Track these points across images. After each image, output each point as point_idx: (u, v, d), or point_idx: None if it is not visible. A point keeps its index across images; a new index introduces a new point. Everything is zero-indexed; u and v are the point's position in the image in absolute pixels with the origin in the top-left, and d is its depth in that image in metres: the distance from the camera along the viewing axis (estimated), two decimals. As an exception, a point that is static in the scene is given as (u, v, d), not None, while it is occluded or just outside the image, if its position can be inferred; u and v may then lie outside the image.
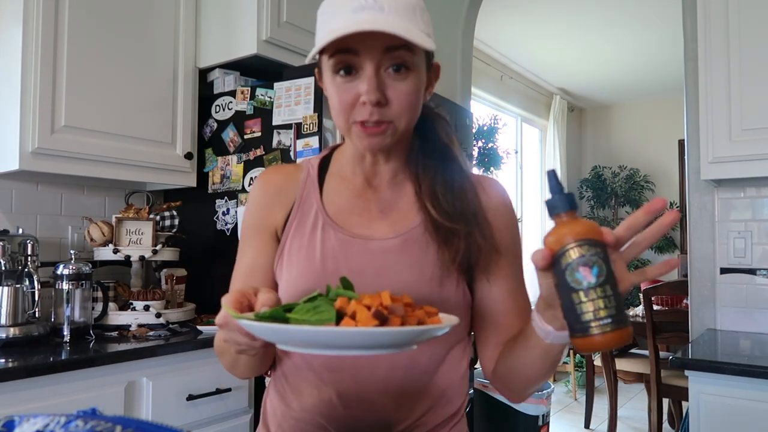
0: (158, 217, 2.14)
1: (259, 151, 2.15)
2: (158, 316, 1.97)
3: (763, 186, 2.21)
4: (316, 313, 0.63)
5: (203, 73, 2.35)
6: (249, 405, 1.94)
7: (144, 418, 1.27)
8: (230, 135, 2.24)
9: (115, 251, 2.00)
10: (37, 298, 1.79)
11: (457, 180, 0.89)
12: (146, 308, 1.96)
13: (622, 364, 3.77)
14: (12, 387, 1.40)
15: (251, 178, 2.17)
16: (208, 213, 2.28)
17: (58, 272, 1.84)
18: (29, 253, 1.84)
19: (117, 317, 1.95)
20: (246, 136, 2.20)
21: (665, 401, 3.67)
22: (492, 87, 5.24)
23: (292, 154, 2.06)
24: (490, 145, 4.14)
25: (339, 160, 0.94)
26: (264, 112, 2.15)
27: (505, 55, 5.22)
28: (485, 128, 4.17)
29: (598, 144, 6.84)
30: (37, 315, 1.79)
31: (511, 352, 0.83)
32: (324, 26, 0.80)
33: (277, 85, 2.12)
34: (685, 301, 3.49)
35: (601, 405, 4.26)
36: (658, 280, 3.56)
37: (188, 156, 2.23)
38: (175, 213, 2.19)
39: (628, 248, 0.65)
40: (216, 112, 2.30)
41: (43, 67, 1.81)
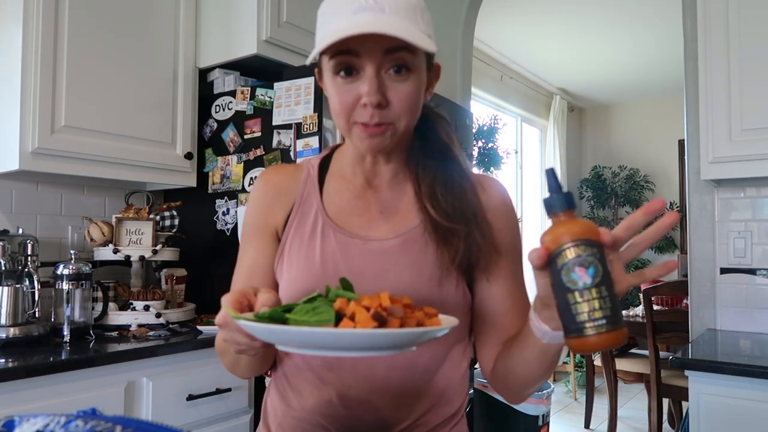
0: (158, 217, 2.14)
1: (259, 151, 2.15)
2: (158, 316, 1.97)
3: (763, 186, 2.21)
4: (315, 314, 0.62)
5: (203, 73, 2.35)
6: (249, 405, 1.94)
7: (144, 418, 1.27)
8: (230, 135, 2.24)
9: (115, 251, 2.00)
10: (37, 298, 1.79)
11: (457, 180, 0.88)
12: (146, 308, 1.97)
13: (622, 364, 3.77)
14: (12, 387, 1.40)
15: (251, 178, 2.17)
16: (208, 213, 2.28)
17: (58, 272, 1.84)
18: (29, 253, 1.84)
19: (117, 317, 1.95)
20: (246, 136, 2.20)
21: (665, 401, 3.67)
22: (492, 87, 5.24)
23: (292, 154, 2.06)
24: (490, 145, 4.13)
25: (339, 160, 0.93)
26: (264, 112, 2.15)
27: (505, 55, 5.22)
28: (485, 128, 4.16)
29: (598, 144, 6.83)
30: (37, 315, 1.79)
31: (509, 352, 0.83)
32: (324, 26, 0.80)
33: (277, 85, 2.12)
34: (685, 301, 3.49)
35: (601, 405, 4.26)
36: (658, 280, 3.55)
37: (188, 156, 2.23)
38: (175, 213, 2.19)
39: (626, 249, 0.65)
40: (216, 112, 2.30)
41: (43, 67, 1.81)
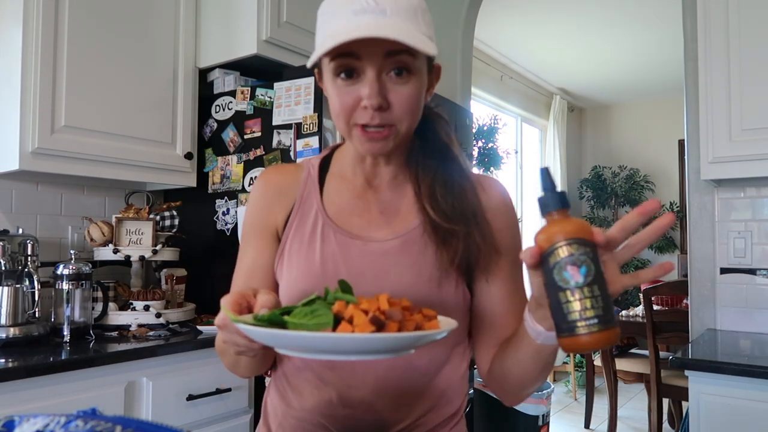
0: (158, 217, 2.14)
1: (259, 151, 2.15)
2: (158, 316, 1.97)
3: (763, 186, 2.21)
4: (313, 317, 0.62)
5: (203, 73, 2.35)
6: (249, 405, 1.94)
7: (144, 418, 1.27)
8: (230, 135, 2.24)
9: (115, 251, 2.00)
10: (37, 298, 1.79)
11: (457, 180, 0.88)
12: (146, 308, 1.96)
13: (622, 364, 3.77)
14: (12, 387, 1.40)
15: (251, 178, 2.17)
16: (208, 213, 2.28)
17: (58, 272, 1.84)
18: (29, 253, 1.84)
19: (117, 317, 1.95)
20: (246, 136, 2.20)
21: (665, 401, 3.67)
22: (492, 87, 5.24)
23: (292, 154, 2.06)
24: (490, 145, 4.13)
25: (339, 160, 0.93)
26: (264, 112, 2.15)
27: (505, 55, 5.22)
28: (485, 128, 4.16)
29: (598, 144, 6.83)
30: (37, 315, 1.79)
31: (505, 353, 0.83)
32: (324, 27, 0.80)
33: (277, 85, 2.12)
34: (685, 301, 3.48)
35: (601, 405, 4.25)
36: (657, 280, 3.55)
37: (188, 156, 2.23)
38: (175, 213, 2.19)
39: (621, 250, 0.64)
40: (216, 112, 2.30)
41: (43, 67, 1.81)
